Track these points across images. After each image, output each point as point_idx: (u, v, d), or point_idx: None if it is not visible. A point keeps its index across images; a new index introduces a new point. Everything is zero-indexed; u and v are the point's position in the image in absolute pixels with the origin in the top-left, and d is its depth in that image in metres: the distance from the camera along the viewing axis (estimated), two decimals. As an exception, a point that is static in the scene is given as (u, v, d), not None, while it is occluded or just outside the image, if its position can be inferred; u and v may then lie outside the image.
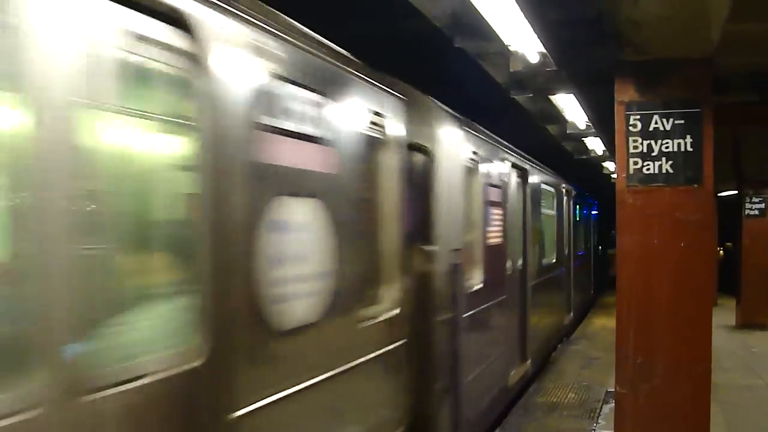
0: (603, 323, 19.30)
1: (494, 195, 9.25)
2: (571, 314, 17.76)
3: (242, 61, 3.68)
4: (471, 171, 8.11)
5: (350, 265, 4.86)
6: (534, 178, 12.29)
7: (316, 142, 4.45)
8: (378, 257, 5.64)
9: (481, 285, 8.27)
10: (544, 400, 11.22)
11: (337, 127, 4.73)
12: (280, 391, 3.89)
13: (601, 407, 10.61)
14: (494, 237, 9.24)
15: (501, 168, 9.72)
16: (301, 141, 4.28)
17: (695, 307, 6.82)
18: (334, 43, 4.87)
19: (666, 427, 6.82)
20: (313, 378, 4.27)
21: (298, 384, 4.10)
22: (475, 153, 8.20)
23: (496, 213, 9.43)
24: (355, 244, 5.02)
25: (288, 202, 4.12)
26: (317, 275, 4.44)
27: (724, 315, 18.12)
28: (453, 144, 7.44)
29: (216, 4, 3.48)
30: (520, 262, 11.07)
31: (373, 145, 5.46)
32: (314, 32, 4.56)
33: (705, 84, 6.81)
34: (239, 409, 3.51)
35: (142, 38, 3.03)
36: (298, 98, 4.26)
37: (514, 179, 10.59)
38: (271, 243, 3.85)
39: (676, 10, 5.74)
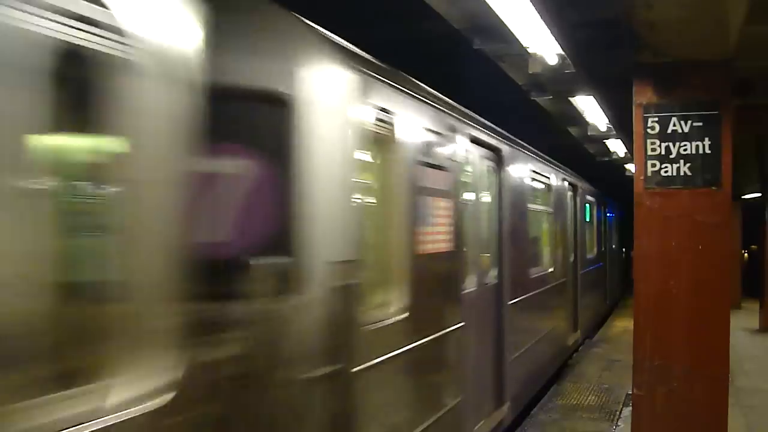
0: (625, 325, 19.21)
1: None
2: (578, 332, 15.73)
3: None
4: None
5: None
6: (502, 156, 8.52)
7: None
8: None
9: (404, 315, 5.45)
10: (563, 403, 11.20)
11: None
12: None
13: (621, 409, 10.58)
14: (434, 240, 6.26)
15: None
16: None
17: (713, 310, 6.81)
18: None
19: (683, 430, 6.81)
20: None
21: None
22: None
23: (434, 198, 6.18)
24: None
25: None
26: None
27: (747, 318, 18.00)
28: None
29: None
30: (492, 274, 8.37)
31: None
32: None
33: (723, 86, 6.79)
34: None
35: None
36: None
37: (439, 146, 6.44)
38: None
39: (693, 12, 5.73)
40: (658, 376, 6.85)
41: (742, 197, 21.03)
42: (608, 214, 23.04)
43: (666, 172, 6.82)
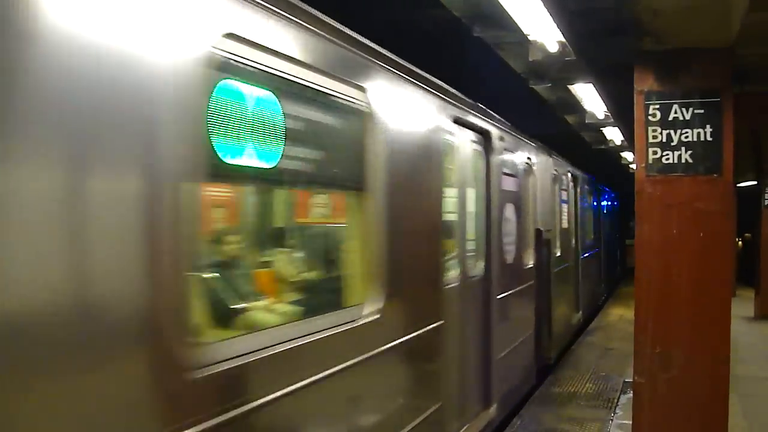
0: (620, 313, 19.27)
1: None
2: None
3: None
4: None
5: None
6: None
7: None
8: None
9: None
10: (561, 390, 11.22)
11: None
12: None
13: (619, 397, 10.61)
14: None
15: None
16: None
17: (714, 298, 6.81)
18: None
19: (684, 417, 6.82)
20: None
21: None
22: None
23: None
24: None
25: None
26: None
27: (742, 306, 18.04)
28: None
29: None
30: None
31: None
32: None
33: (725, 73, 6.79)
34: None
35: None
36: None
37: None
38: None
39: (697, -1, 5.73)
40: (659, 363, 6.86)
41: (738, 185, 21.09)
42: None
43: (667, 159, 6.82)
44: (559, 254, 13.50)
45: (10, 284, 2.34)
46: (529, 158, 10.72)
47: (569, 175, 15.30)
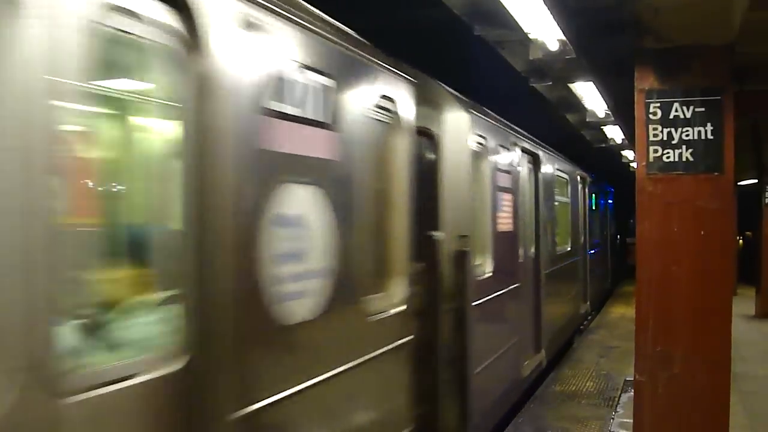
0: (622, 312, 19.27)
1: None
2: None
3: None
4: None
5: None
6: None
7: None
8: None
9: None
10: (562, 389, 11.23)
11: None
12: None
13: (620, 396, 10.62)
14: None
15: None
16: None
17: (715, 296, 6.80)
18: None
19: (685, 416, 6.81)
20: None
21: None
22: None
23: None
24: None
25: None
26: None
27: (743, 304, 18.05)
28: None
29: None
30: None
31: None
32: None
33: (725, 72, 6.77)
34: None
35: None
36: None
37: None
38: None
39: (697, -3, 5.73)
40: (659, 361, 6.85)
41: (738, 183, 21.10)
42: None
43: (668, 157, 6.80)
44: (490, 274, 8.49)
45: None
46: (388, 98, 5.54)
47: (518, 150, 10.17)
